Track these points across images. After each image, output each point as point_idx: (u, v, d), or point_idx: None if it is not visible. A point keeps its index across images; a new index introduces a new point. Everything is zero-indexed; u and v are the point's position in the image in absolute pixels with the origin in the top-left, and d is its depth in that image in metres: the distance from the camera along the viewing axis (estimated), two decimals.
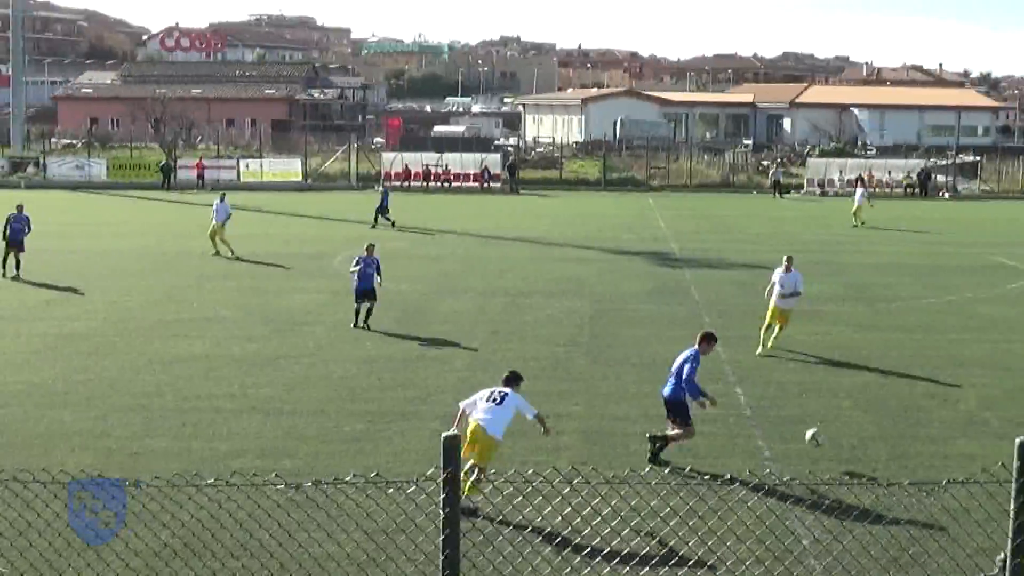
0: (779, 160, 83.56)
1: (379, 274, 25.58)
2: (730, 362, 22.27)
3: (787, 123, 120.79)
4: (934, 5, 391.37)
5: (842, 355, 23.13)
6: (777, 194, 69.12)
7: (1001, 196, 74.27)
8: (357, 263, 25.41)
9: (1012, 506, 6.82)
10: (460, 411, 14.48)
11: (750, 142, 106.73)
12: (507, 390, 14.38)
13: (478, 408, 14.17)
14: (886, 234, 48.02)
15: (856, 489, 13.75)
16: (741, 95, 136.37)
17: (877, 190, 70.87)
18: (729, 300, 29.84)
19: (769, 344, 23.00)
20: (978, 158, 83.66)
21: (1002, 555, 7.15)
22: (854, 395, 19.91)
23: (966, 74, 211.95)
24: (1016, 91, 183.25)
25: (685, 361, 15.92)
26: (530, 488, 13.78)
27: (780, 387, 20.37)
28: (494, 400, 14.19)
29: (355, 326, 25.07)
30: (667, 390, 16.06)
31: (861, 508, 12.63)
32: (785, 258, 23.80)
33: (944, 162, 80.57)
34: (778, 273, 23.49)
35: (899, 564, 11.46)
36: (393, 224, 47.05)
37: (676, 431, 15.87)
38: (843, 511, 11.95)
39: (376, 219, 47.28)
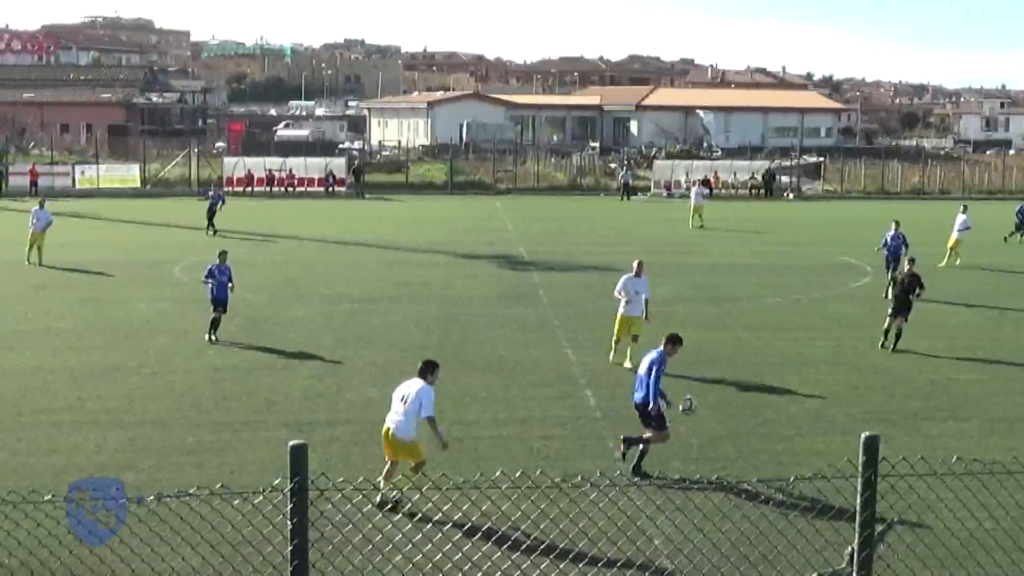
0: (627, 162, 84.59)
1: (231, 282, 24.90)
2: (579, 364, 22.39)
3: (634, 125, 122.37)
4: (778, 9, 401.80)
5: (690, 355, 23.27)
6: (625, 196, 69.94)
7: (844, 196, 76.60)
8: (211, 273, 24.64)
9: (858, 500, 6.88)
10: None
11: (597, 144, 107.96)
12: (418, 385, 14.22)
13: (392, 409, 14.17)
14: (732, 235, 48.96)
15: (706, 488, 13.86)
16: (588, 98, 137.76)
17: (723, 191, 72.54)
18: (578, 302, 30.00)
19: (627, 362, 21.70)
20: (821, 159, 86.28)
21: (850, 548, 7.22)
22: (702, 395, 20.07)
23: (809, 76, 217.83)
24: (858, 93, 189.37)
25: (652, 364, 15.64)
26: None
27: (630, 389, 20.34)
28: (403, 399, 14.11)
29: (208, 337, 24.33)
30: (638, 396, 15.80)
31: (711, 506, 12.72)
32: (635, 263, 22.78)
33: (788, 163, 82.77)
34: (626, 278, 22.46)
35: (749, 561, 11.56)
36: (214, 232, 45.43)
37: (649, 434, 15.55)
38: (693, 510, 12.00)
39: (210, 225, 45.95)
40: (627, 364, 21.63)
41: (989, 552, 11.46)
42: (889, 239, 32.37)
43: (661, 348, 15.99)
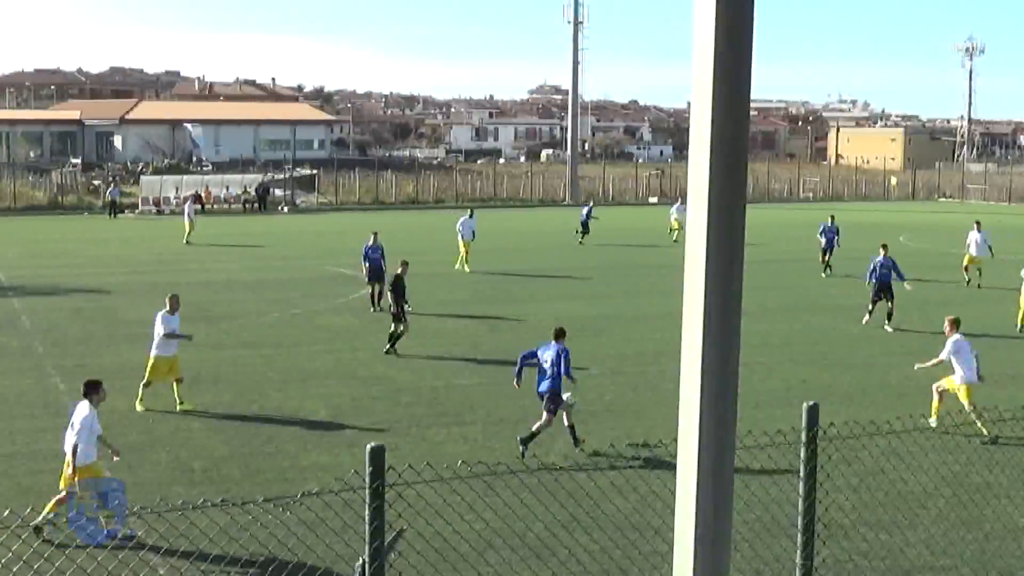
0: (114, 179, 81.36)
1: None
2: (70, 394, 21.10)
3: (118, 140, 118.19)
4: (265, 20, 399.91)
5: (189, 377, 22.69)
6: (112, 214, 67.29)
7: (340, 208, 77.76)
8: None
9: (367, 511, 6.85)
10: None
11: (79, 161, 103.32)
12: (83, 410, 13.77)
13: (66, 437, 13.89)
14: (226, 250, 48.29)
15: (211, 512, 13.40)
16: (67, 112, 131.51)
17: (215, 206, 71.56)
18: (65, 328, 28.41)
19: (184, 405, 20.06)
20: (315, 171, 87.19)
21: (361, 560, 7.19)
22: (204, 416, 19.64)
23: (300, 88, 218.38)
24: (349, 104, 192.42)
25: (560, 355, 17.10)
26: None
27: (113, 416, 19.49)
28: (72, 427, 13.72)
29: None
30: (545, 385, 17.20)
31: (217, 530, 12.35)
32: (168, 298, 20.99)
33: (282, 176, 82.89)
34: (162, 315, 20.49)
35: None
36: None
37: (542, 420, 17.17)
38: (199, 535, 11.56)
39: None
40: (186, 406, 19.95)
41: (496, 551, 11.89)
42: (369, 251, 32.23)
43: (558, 342, 17.35)
